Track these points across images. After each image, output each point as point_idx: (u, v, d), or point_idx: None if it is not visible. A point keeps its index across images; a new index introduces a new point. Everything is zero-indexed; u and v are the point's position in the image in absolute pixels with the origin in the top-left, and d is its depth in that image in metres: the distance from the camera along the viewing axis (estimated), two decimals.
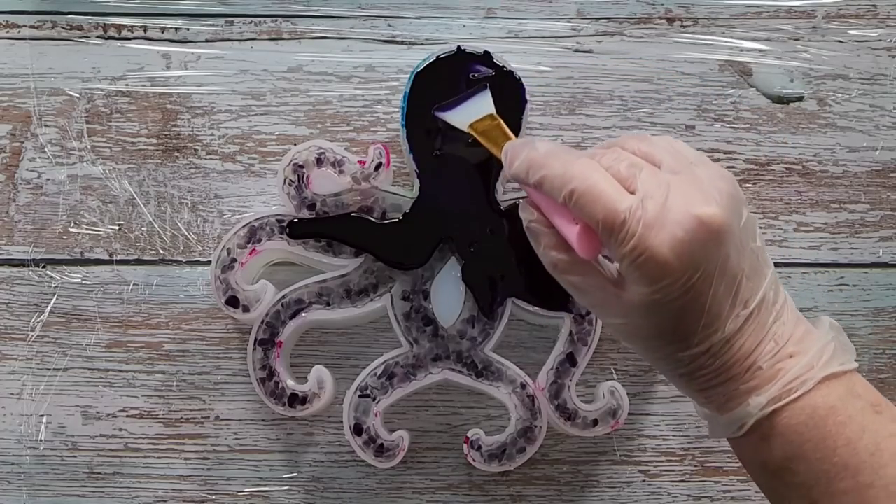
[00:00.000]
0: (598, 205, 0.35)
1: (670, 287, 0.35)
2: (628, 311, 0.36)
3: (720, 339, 0.36)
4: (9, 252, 0.52)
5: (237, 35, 0.53)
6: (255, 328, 0.48)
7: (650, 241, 0.34)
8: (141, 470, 0.51)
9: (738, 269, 0.36)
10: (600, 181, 0.35)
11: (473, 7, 0.54)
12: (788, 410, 0.35)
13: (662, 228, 0.34)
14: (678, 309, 0.35)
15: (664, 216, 0.34)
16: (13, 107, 0.52)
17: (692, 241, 0.34)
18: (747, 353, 0.36)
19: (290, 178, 0.48)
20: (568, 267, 0.38)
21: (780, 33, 0.54)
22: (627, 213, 0.34)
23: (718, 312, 0.36)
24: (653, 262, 0.34)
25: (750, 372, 0.36)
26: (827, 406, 0.35)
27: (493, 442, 0.48)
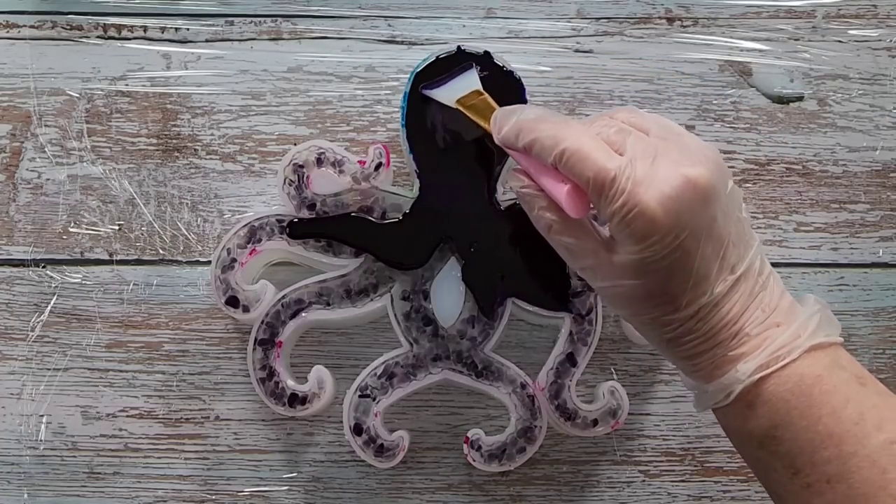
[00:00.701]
0: (588, 163, 0.36)
1: (659, 244, 0.35)
2: (619, 273, 0.37)
3: (708, 301, 0.36)
4: (9, 252, 0.52)
5: (237, 35, 0.53)
6: (255, 328, 0.48)
7: (639, 196, 0.35)
8: (141, 470, 0.51)
9: (725, 234, 0.36)
10: (590, 142, 0.37)
11: (473, 7, 0.54)
12: (775, 378, 0.36)
13: (651, 185, 0.35)
14: (667, 268, 0.36)
15: (653, 174, 0.35)
16: (13, 107, 0.52)
17: (680, 198, 0.35)
18: (734, 318, 0.37)
19: (290, 178, 0.48)
20: (561, 228, 0.39)
21: (780, 33, 0.54)
22: (617, 170, 0.35)
23: (706, 274, 0.36)
24: (642, 217, 0.35)
25: (737, 338, 0.37)
26: (813, 375, 0.36)
27: (493, 442, 0.48)
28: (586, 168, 0.36)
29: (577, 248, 0.39)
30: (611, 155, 0.36)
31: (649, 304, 0.37)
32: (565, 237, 0.39)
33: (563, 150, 0.37)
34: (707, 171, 0.36)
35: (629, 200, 0.35)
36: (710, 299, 0.36)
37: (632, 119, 0.39)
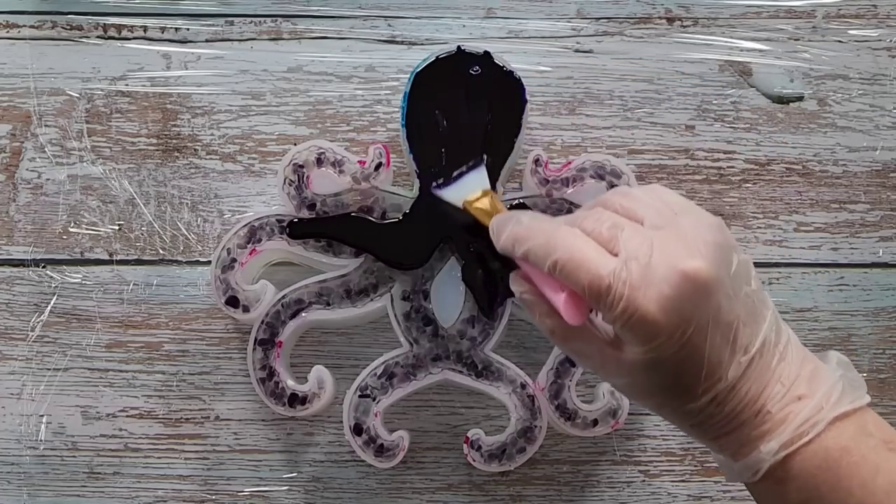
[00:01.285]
0: (581, 272, 0.35)
1: (665, 344, 0.35)
2: (629, 371, 0.36)
3: (724, 387, 0.36)
4: (9, 252, 0.52)
5: (237, 35, 0.53)
6: (255, 328, 0.48)
7: (638, 301, 0.34)
8: (141, 470, 0.51)
9: (733, 317, 0.35)
10: (583, 248, 0.36)
11: (473, 7, 0.54)
12: (801, 454, 0.35)
13: (649, 287, 0.34)
14: (676, 364, 0.35)
15: (649, 275, 0.34)
16: (13, 107, 0.52)
17: (680, 297, 0.34)
18: (754, 397, 0.36)
19: (290, 178, 0.48)
20: (564, 333, 0.38)
21: (780, 33, 0.54)
22: (611, 276, 0.35)
23: (718, 361, 0.35)
24: (643, 322, 0.34)
25: (759, 416, 0.36)
26: (839, 447, 0.35)
27: (493, 442, 0.48)
28: (580, 277, 0.35)
29: (582, 351, 0.38)
30: (604, 258, 0.35)
31: (666, 397, 0.37)
32: (569, 343, 0.39)
33: (556, 261, 0.36)
34: (706, 262, 0.34)
35: (628, 306, 0.34)
36: (726, 385, 0.36)
37: (624, 204, 0.37)
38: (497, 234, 0.40)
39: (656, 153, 0.53)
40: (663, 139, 0.53)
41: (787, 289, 0.52)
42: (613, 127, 0.53)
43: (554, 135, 0.53)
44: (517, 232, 0.39)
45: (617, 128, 0.53)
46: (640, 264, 0.34)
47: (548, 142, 0.53)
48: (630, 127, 0.53)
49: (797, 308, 0.52)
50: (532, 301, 0.39)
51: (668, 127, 0.53)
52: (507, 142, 0.48)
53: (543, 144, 0.53)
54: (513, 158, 0.49)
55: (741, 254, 0.37)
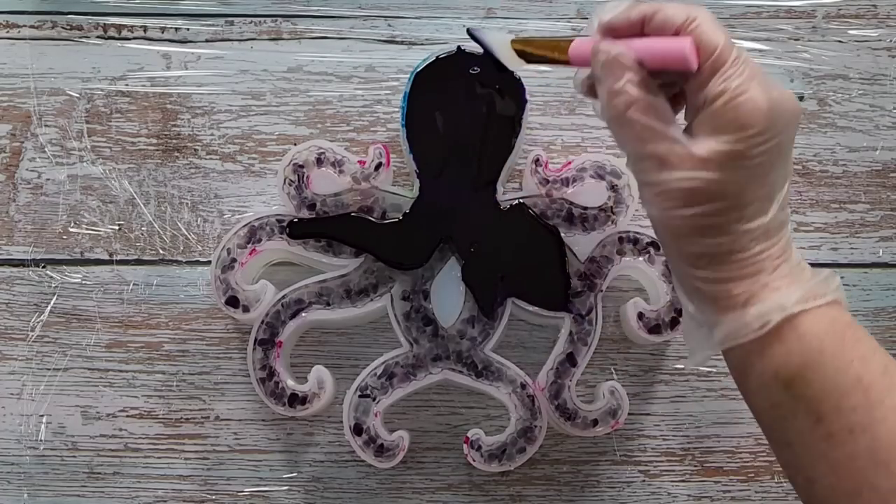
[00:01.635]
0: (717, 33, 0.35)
1: (755, 139, 0.34)
2: (698, 165, 0.35)
3: (767, 222, 0.36)
4: (9, 252, 0.52)
5: (237, 35, 0.53)
6: (255, 328, 0.48)
7: (751, 85, 0.35)
8: (141, 470, 0.51)
9: (791, 165, 0.37)
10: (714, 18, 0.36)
11: (473, 7, 0.54)
12: (813, 314, 0.35)
13: (761, 82, 0.35)
14: (750, 170, 0.35)
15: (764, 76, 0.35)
16: (13, 107, 0.52)
17: (783, 106, 0.35)
18: (781, 249, 0.36)
19: (290, 178, 0.48)
20: (645, 104, 0.36)
21: (780, 33, 0.54)
22: (740, 52, 0.35)
23: (771, 194, 0.36)
24: (751, 103, 0.34)
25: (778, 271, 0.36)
26: (844, 321, 0.35)
27: (493, 442, 0.48)
28: (716, 37, 0.35)
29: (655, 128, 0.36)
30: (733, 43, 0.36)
31: (714, 207, 0.35)
32: (645, 115, 0.36)
33: (695, 17, 0.36)
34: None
35: (744, 83, 0.34)
36: (769, 221, 0.36)
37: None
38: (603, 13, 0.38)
39: None
40: None
41: None
42: None
43: (554, 135, 0.53)
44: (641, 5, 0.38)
45: None
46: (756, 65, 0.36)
47: (548, 142, 0.53)
48: None
49: None
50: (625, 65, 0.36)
51: None
52: (507, 142, 0.49)
53: (543, 144, 0.53)
54: (513, 158, 0.49)
55: None
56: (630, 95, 0.36)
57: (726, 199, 0.35)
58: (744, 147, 0.34)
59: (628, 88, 0.36)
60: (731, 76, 0.35)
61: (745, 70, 0.35)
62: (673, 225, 0.36)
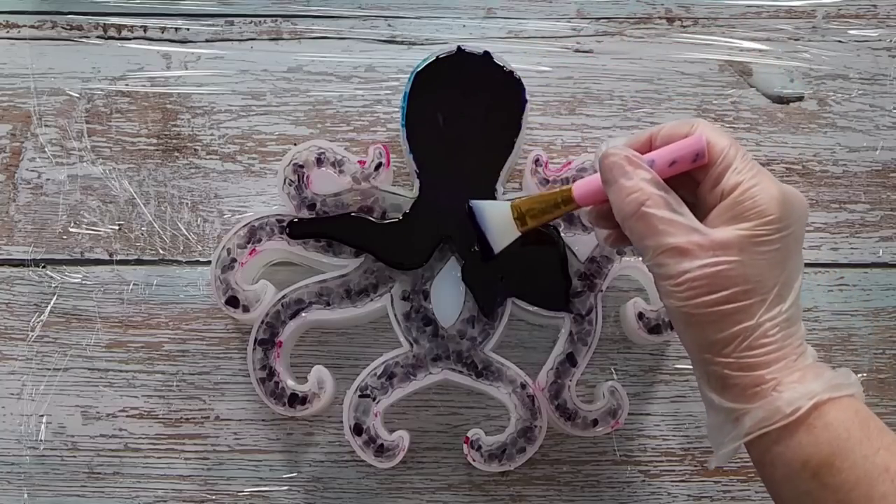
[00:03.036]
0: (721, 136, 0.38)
1: (773, 225, 0.36)
2: (718, 250, 0.36)
3: (787, 308, 0.36)
4: (9, 252, 0.52)
5: (237, 35, 0.53)
6: (255, 328, 0.48)
7: (763, 178, 0.37)
8: (141, 470, 0.51)
9: (802, 261, 0.38)
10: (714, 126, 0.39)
11: (473, 7, 0.54)
12: (839, 403, 0.35)
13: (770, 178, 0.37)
14: (769, 255, 0.36)
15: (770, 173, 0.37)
16: (13, 107, 0.52)
17: (793, 199, 0.37)
18: (801, 338, 0.37)
19: (290, 178, 0.48)
20: (659, 200, 0.37)
21: (780, 33, 0.54)
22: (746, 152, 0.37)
23: (790, 282, 0.37)
24: (766, 193, 0.36)
25: (802, 358, 0.36)
26: (866, 412, 0.36)
27: (493, 442, 0.48)
28: (722, 139, 0.37)
29: (672, 223, 0.36)
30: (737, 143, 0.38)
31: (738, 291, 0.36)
32: (660, 209, 0.37)
33: (698, 125, 0.38)
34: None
35: (757, 176, 0.36)
36: (789, 308, 0.36)
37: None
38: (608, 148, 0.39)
39: None
40: None
41: None
42: (613, 127, 0.53)
43: (554, 135, 0.53)
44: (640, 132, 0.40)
45: (617, 128, 0.53)
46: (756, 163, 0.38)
47: (548, 142, 0.53)
48: (630, 127, 0.53)
49: None
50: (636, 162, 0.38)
51: None
52: (507, 142, 0.49)
53: (543, 144, 0.53)
54: (513, 158, 0.49)
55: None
56: (644, 191, 0.37)
57: (748, 283, 0.36)
58: (763, 232, 0.36)
59: (642, 185, 0.37)
60: (742, 170, 0.37)
61: (753, 165, 0.37)
62: (697, 314, 0.36)
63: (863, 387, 0.38)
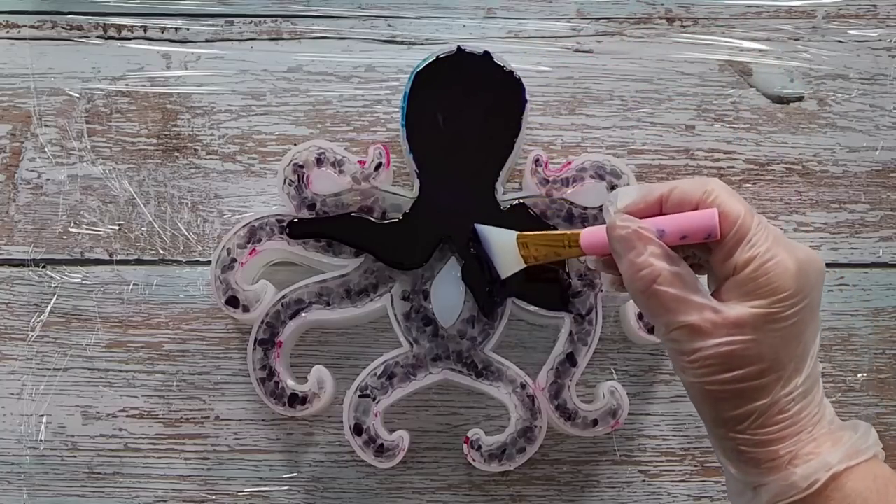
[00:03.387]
0: (734, 203, 0.36)
1: (788, 301, 0.35)
2: (732, 328, 0.35)
3: (804, 382, 0.36)
4: (9, 252, 0.52)
5: (237, 35, 0.53)
6: (255, 328, 0.48)
7: (779, 250, 0.35)
8: (141, 470, 0.51)
9: (819, 323, 0.37)
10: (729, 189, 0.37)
11: (473, 7, 0.54)
12: (856, 472, 0.35)
13: (786, 246, 0.36)
14: (784, 332, 0.35)
15: (785, 238, 0.36)
16: (13, 107, 0.52)
17: (809, 268, 0.35)
18: (818, 406, 0.36)
19: (290, 178, 0.48)
20: (671, 277, 0.36)
21: (780, 33, 0.54)
22: (761, 218, 0.36)
23: (806, 353, 0.36)
24: (781, 268, 0.35)
25: (818, 427, 0.36)
26: (885, 476, 0.35)
27: (493, 442, 0.48)
28: (736, 206, 0.36)
29: (685, 300, 0.36)
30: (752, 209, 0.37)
31: (752, 370, 0.35)
32: (674, 288, 0.36)
33: (712, 189, 0.36)
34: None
35: (770, 250, 0.35)
36: (806, 380, 0.36)
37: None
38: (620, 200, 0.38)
39: (656, 153, 0.53)
40: (663, 139, 0.53)
41: None
42: (613, 127, 0.53)
43: (554, 135, 0.53)
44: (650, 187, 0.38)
45: (617, 128, 0.53)
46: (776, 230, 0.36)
47: (548, 142, 0.53)
48: (630, 127, 0.53)
49: None
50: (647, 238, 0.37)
51: (668, 127, 0.53)
52: (507, 142, 0.49)
53: (543, 144, 0.53)
54: (513, 158, 0.49)
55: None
56: (655, 267, 0.36)
57: (764, 362, 0.35)
58: (778, 310, 0.35)
59: (653, 261, 0.36)
60: (757, 242, 0.35)
61: (769, 235, 0.36)
62: (711, 391, 0.36)
63: (863, 387, 0.37)
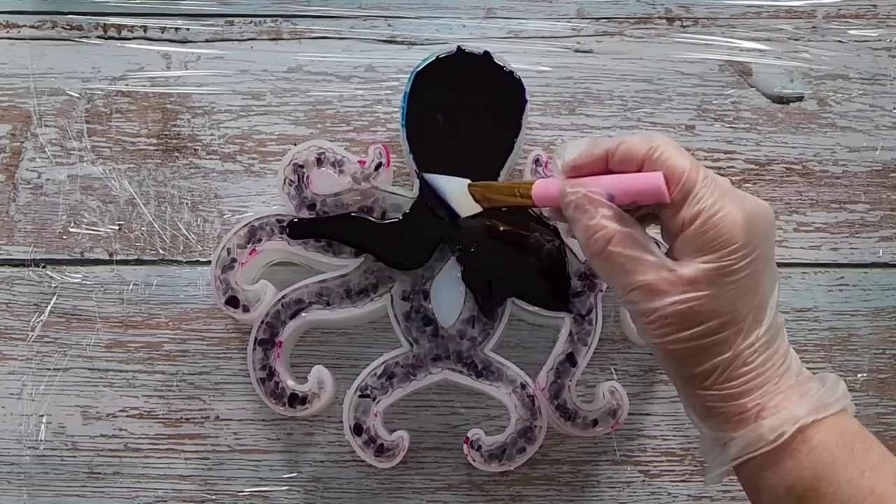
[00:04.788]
0: (681, 158, 0.36)
1: (739, 254, 0.35)
2: (687, 286, 0.35)
3: (765, 332, 0.36)
4: (9, 252, 0.52)
5: (237, 35, 0.53)
6: (255, 328, 0.48)
7: (725, 203, 0.35)
8: (141, 470, 0.51)
9: (776, 271, 0.37)
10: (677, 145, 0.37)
11: (473, 7, 0.54)
12: (823, 425, 0.35)
13: (733, 198, 0.35)
14: (738, 284, 0.35)
15: (733, 190, 0.36)
16: (13, 107, 0.52)
17: (758, 217, 0.35)
18: (782, 357, 0.36)
19: (290, 178, 0.48)
20: (623, 238, 0.36)
21: (780, 33, 0.54)
22: (707, 171, 0.36)
23: (764, 303, 0.36)
24: (728, 220, 0.35)
25: (785, 378, 0.36)
26: (852, 430, 0.36)
27: (493, 442, 0.48)
28: (681, 162, 0.36)
29: (637, 257, 0.36)
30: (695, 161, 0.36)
31: (711, 325, 0.35)
32: (625, 248, 0.36)
33: (657, 146, 0.36)
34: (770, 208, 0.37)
35: (717, 201, 0.35)
36: (767, 331, 0.36)
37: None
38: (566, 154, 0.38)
39: None
40: None
41: (787, 289, 0.52)
42: (613, 127, 0.53)
43: (554, 135, 0.53)
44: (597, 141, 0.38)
45: (617, 128, 0.53)
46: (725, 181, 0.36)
47: (548, 142, 0.53)
48: (630, 127, 0.53)
49: (797, 308, 0.52)
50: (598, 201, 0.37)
51: (668, 127, 0.53)
52: (507, 142, 0.49)
53: (543, 144, 0.53)
54: (513, 158, 0.49)
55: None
56: (608, 230, 0.36)
57: (722, 316, 0.35)
58: (729, 263, 0.35)
59: (605, 223, 0.37)
60: (702, 197, 0.35)
61: (715, 189, 0.35)
62: (673, 349, 0.36)
63: (863, 387, 0.37)
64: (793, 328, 0.52)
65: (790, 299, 0.52)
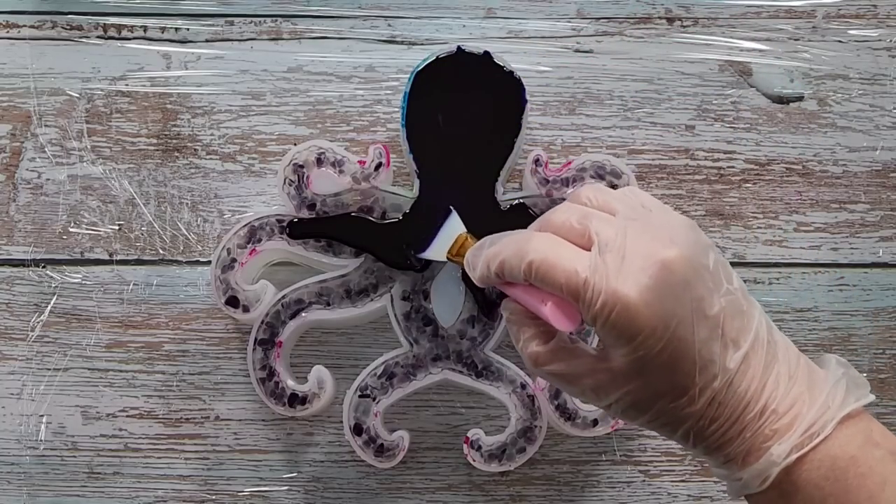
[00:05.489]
0: (557, 271, 0.34)
1: (650, 339, 0.33)
2: (621, 381, 0.35)
3: (721, 384, 0.34)
4: (9, 252, 0.52)
5: (237, 35, 0.53)
6: (255, 328, 0.48)
7: (618, 293, 0.33)
8: (141, 470, 0.51)
9: (718, 309, 0.34)
10: (555, 246, 0.35)
11: (473, 7, 0.54)
12: (809, 461, 0.34)
13: (627, 279, 0.33)
14: (666, 363, 0.34)
15: (626, 266, 0.33)
16: (13, 107, 0.52)
17: (660, 287, 0.33)
18: (755, 396, 0.35)
19: (290, 178, 0.48)
20: (550, 357, 0.36)
21: (780, 33, 0.54)
22: (588, 271, 0.33)
23: (710, 357, 0.34)
24: (625, 314, 0.33)
25: (765, 417, 0.35)
26: (846, 457, 0.34)
27: (493, 442, 0.48)
28: (557, 277, 0.34)
29: (571, 371, 0.36)
30: (578, 254, 0.34)
31: (663, 403, 0.35)
32: (555, 365, 0.36)
33: (530, 263, 0.34)
34: (683, 251, 0.34)
35: (608, 300, 0.33)
36: (723, 382, 0.34)
37: (597, 198, 0.36)
38: (472, 265, 0.38)
39: (656, 153, 0.53)
40: (663, 139, 0.53)
41: (787, 289, 0.52)
42: (613, 127, 0.53)
43: (554, 135, 0.53)
44: (489, 252, 0.37)
45: (617, 128, 0.53)
46: (616, 255, 0.33)
47: (548, 142, 0.53)
48: (630, 127, 0.53)
49: (797, 308, 0.52)
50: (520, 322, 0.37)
51: (668, 127, 0.53)
52: (507, 142, 0.48)
53: (543, 144, 0.53)
54: (513, 158, 0.49)
55: (718, 254, 0.36)
56: (531, 352, 0.36)
57: (663, 396, 0.35)
58: (644, 351, 0.34)
59: (528, 347, 0.36)
60: (591, 301, 0.33)
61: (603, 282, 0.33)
62: (647, 426, 0.36)
63: None
64: (793, 328, 0.52)
65: (790, 299, 0.52)
